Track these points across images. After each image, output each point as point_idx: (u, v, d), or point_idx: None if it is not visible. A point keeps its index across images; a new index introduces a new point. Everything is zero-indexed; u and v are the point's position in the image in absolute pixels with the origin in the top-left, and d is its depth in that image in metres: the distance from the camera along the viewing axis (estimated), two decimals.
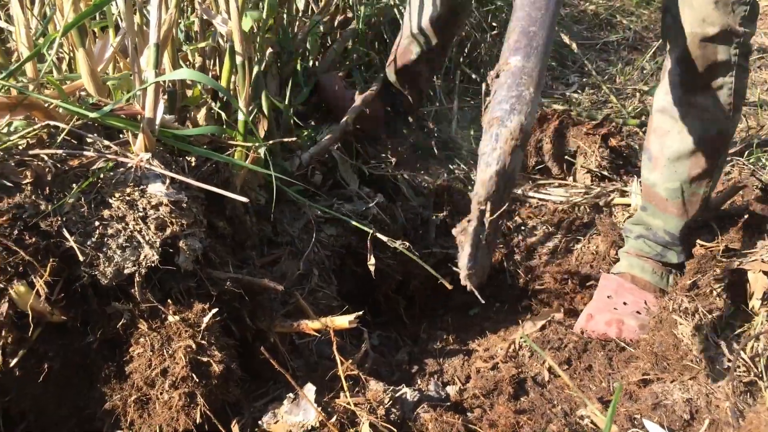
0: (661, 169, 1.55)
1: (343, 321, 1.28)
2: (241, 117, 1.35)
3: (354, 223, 1.52)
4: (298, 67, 1.93)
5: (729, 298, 1.50)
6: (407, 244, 1.47)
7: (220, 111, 1.48)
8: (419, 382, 1.40)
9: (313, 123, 1.93)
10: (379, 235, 1.48)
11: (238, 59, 1.32)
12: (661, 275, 1.63)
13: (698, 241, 1.64)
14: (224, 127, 1.41)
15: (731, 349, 1.40)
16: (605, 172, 2.12)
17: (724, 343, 1.42)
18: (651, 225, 1.62)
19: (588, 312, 1.58)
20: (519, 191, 2.05)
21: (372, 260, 1.51)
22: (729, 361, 1.38)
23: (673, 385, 1.35)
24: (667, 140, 1.53)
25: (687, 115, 1.49)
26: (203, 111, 1.49)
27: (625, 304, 1.58)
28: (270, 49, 1.78)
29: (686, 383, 1.35)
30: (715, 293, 1.50)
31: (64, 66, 1.48)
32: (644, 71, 3.30)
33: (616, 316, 1.55)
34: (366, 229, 1.49)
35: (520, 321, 1.67)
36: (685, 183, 1.54)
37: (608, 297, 1.59)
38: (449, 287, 1.43)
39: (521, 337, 1.54)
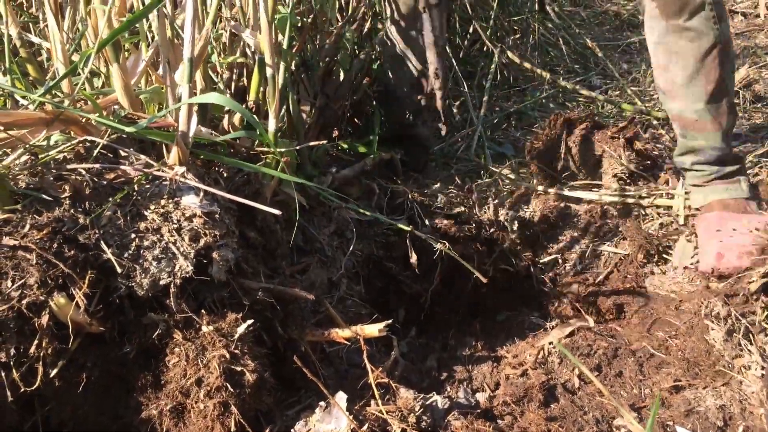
0: (680, 97, 1.65)
1: (372, 329, 1.29)
2: (271, 127, 1.36)
3: (397, 224, 1.55)
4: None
5: (762, 302, 1.48)
6: (446, 243, 1.50)
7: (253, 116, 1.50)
8: (449, 389, 1.41)
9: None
10: (418, 233, 1.50)
11: (268, 71, 1.34)
12: (735, 189, 1.69)
13: None
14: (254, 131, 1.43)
15: (764, 355, 1.39)
16: (632, 176, 2.11)
17: (757, 349, 1.41)
18: (695, 147, 1.69)
19: (717, 251, 1.60)
20: (547, 194, 2.04)
21: (414, 257, 1.53)
22: (762, 367, 1.37)
23: (706, 391, 1.34)
24: (670, 72, 1.63)
25: (678, 41, 1.59)
26: (239, 114, 1.50)
27: (734, 230, 1.61)
28: (296, 60, 1.80)
29: (719, 389, 1.34)
30: (747, 298, 1.49)
31: (99, 82, 1.51)
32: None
33: (744, 249, 1.56)
34: (404, 227, 1.51)
35: (548, 327, 1.67)
36: (708, 101, 1.62)
37: (717, 231, 1.62)
38: (484, 281, 1.49)
39: (550, 343, 1.54)
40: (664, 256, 1.86)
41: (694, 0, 1.55)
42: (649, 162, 2.14)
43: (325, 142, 1.63)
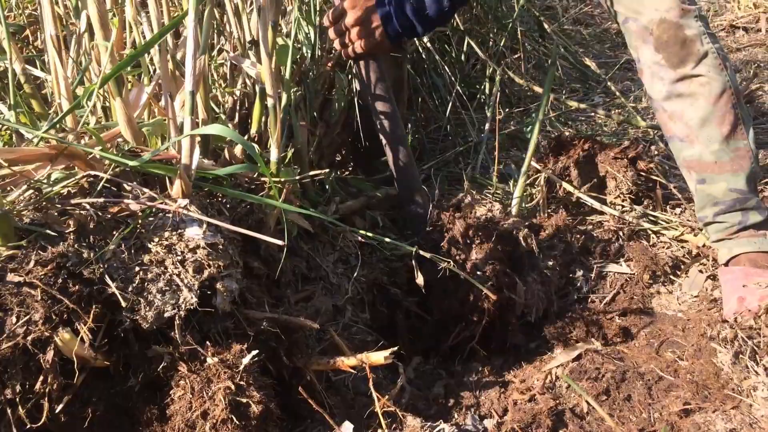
0: (697, 141, 1.64)
1: (378, 357, 1.29)
2: (273, 157, 1.37)
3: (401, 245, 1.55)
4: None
5: None
6: (451, 262, 1.48)
7: (254, 145, 1.51)
8: (456, 416, 1.40)
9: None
10: (423, 253, 1.49)
11: (269, 101, 1.35)
12: (761, 242, 1.65)
13: None
14: (257, 164, 1.44)
15: None
16: (636, 196, 2.11)
17: (764, 371, 1.39)
18: (715, 194, 1.66)
19: (739, 295, 1.58)
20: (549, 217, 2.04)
21: (420, 278, 1.52)
22: None
23: (716, 414, 1.33)
24: (685, 116, 1.63)
25: (690, 86, 1.61)
26: (240, 146, 1.51)
27: (758, 284, 1.58)
28: (295, 87, 1.81)
29: (729, 413, 1.33)
30: (753, 319, 1.48)
31: (99, 111, 1.53)
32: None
33: (766, 292, 1.54)
34: (409, 248, 1.51)
35: (555, 350, 1.65)
36: (723, 142, 1.62)
37: (744, 286, 1.60)
38: (493, 297, 1.51)
39: (558, 367, 1.54)
40: (671, 276, 1.85)
41: (698, 49, 1.58)
42: (651, 184, 2.14)
43: (327, 170, 1.63)
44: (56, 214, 1.15)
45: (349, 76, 2.02)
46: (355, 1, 1.71)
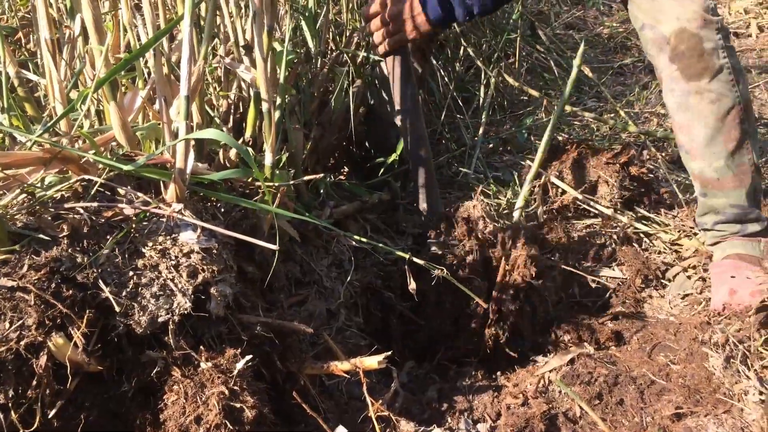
0: (701, 156, 1.67)
1: (372, 362, 1.29)
2: (267, 162, 1.37)
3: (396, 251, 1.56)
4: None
5: (759, 326, 1.49)
6: (444, 269, 1.48)
7: (249, 149, 1.51)
8: (450, 420, 1.40)
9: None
10: (416, 260, 1.49)
11: (264, 106, 1.35)
12: (752, 246, 1.70)
13: None
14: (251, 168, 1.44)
15: (763, 381, 1.39)
16: (628, 201, 2.12)
17: (755, 375, 1.40)
18: (716, 207, 1.70)
19: (729, 287, 1.61)
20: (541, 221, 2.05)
21: (412, 284, 1.52)
22: (761, 393, 1.37)
23: (708, 419, 1.34)
24: (692, 131, 1.65)
25: (699, 103, 1.62)
26: (234, 150, 1.52)
27: (748, 278, 1.62)
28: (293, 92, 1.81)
29: (720, 417, 1.34)
30: (744, 322, 1.49)
31: (93, 115, 1.52)
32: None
33: (757, 287, 1.58)
34: (403, 255, 1.51)
35: (548, 355, 1.66)
36: (728, 158, 1.64)
37: (732, 277, 1.64)
38: (484, 306, 1.50)
39: (550, 371, 1.54)
40: (663, 281, 1.86)
41: (714, 64, 1.59)
42: (643, 189, 2.16)
43: (322, 175, 1.63)
44: (50, 218, 1.15)
45: (348, 80, 2.03)
46: None
